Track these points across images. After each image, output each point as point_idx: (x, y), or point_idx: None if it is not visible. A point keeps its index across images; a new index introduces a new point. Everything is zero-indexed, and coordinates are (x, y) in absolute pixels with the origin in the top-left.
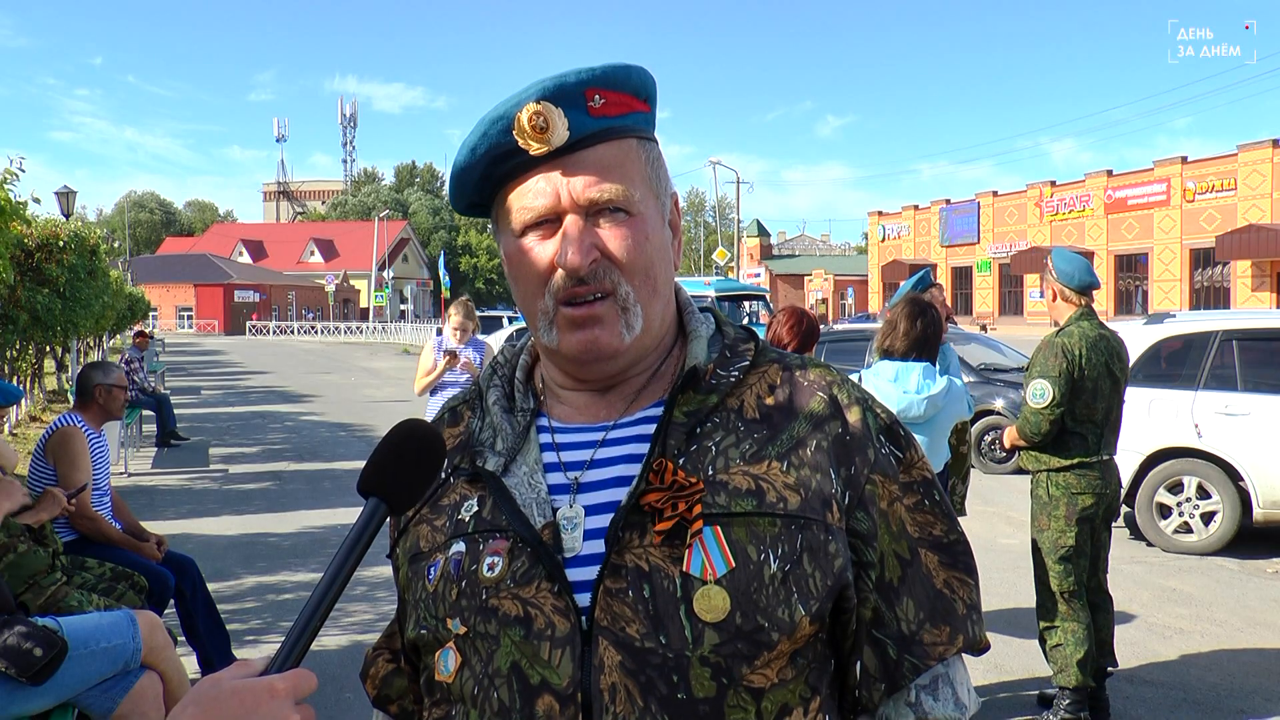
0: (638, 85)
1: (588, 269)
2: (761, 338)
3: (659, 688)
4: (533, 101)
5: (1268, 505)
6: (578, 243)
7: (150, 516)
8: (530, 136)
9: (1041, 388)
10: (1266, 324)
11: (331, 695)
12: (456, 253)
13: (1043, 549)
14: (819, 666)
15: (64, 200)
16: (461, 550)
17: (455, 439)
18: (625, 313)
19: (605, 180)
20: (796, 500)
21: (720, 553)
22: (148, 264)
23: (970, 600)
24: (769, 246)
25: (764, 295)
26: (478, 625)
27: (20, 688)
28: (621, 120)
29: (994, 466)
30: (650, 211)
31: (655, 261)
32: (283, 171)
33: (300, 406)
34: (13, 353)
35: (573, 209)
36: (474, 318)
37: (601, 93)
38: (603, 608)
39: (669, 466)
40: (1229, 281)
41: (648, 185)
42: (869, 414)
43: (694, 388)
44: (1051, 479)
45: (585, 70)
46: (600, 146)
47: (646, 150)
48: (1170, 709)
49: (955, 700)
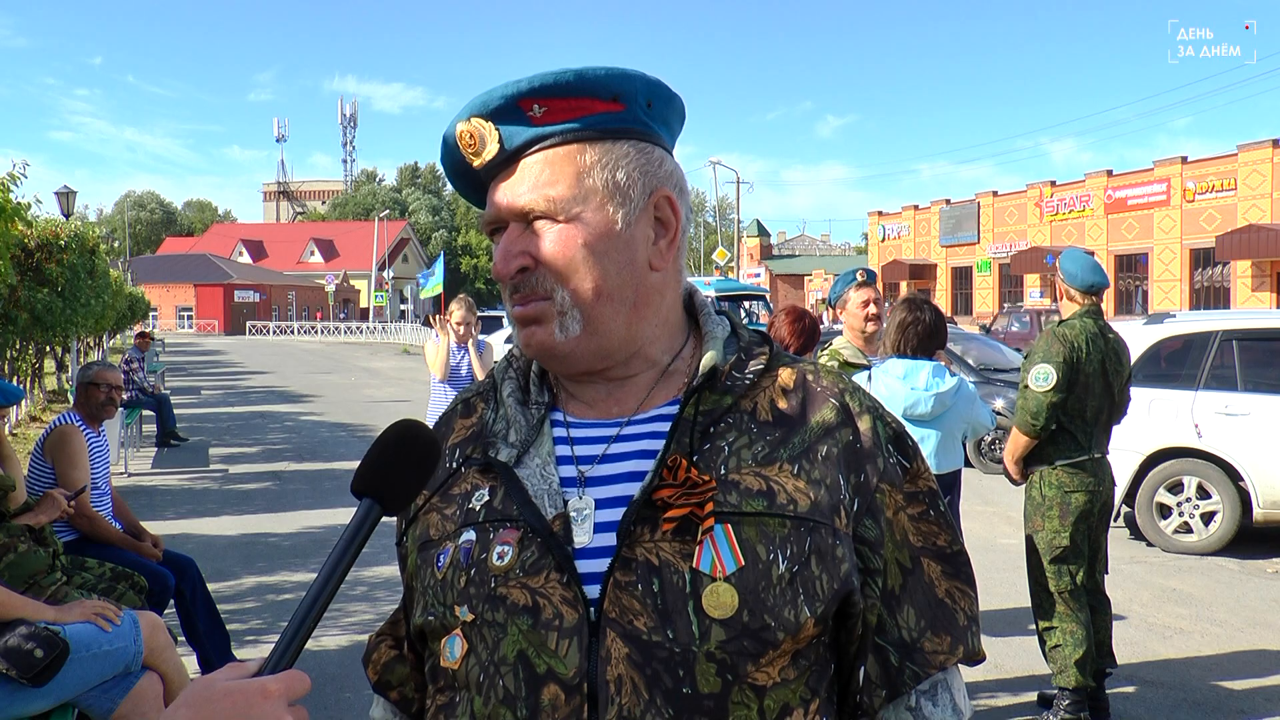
0: (589, 88)
1: (514, 276)
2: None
3: (665, 681)
4: (463, 120)
5: (1268, 505)
6: (502, 251)
7: (150, 516)
8: (469, 153)
9: (1045, 371)
10: (1266, 324)
11: (331, 695)
12: (456, 253)
13: (1038, 549)
14: (820, 669)
15: (64, 200)
16: (471, 539)
17: (468, 430)
18: (561, 315)
19: (534, 189)
20: (806, 503)
21: (730, 550)
22: (148, 264)
23: (970, 612)
24: (769, 246)
25: (764, 295)
26: (485, 613)
27: (21, 689)
28: (569, 125)
29: (994, 466)
30: (591, 215)
31: (595, 265)
32: (283, 171)
33: (300, 406)
34: (13, 353)
35: (510, 217)
36: (475, 314)
37: (542, 101)
38: (611, 600)
39: (683, 463)
40: (1229, 281)
41: (593, 188)
42: (879, 423)
43: (710, 388)
44: (1044, 478)
45: (513, 84)
46: (537, 154)
47: (603, 151)
48: (1170, 709)
49: (953, 706)
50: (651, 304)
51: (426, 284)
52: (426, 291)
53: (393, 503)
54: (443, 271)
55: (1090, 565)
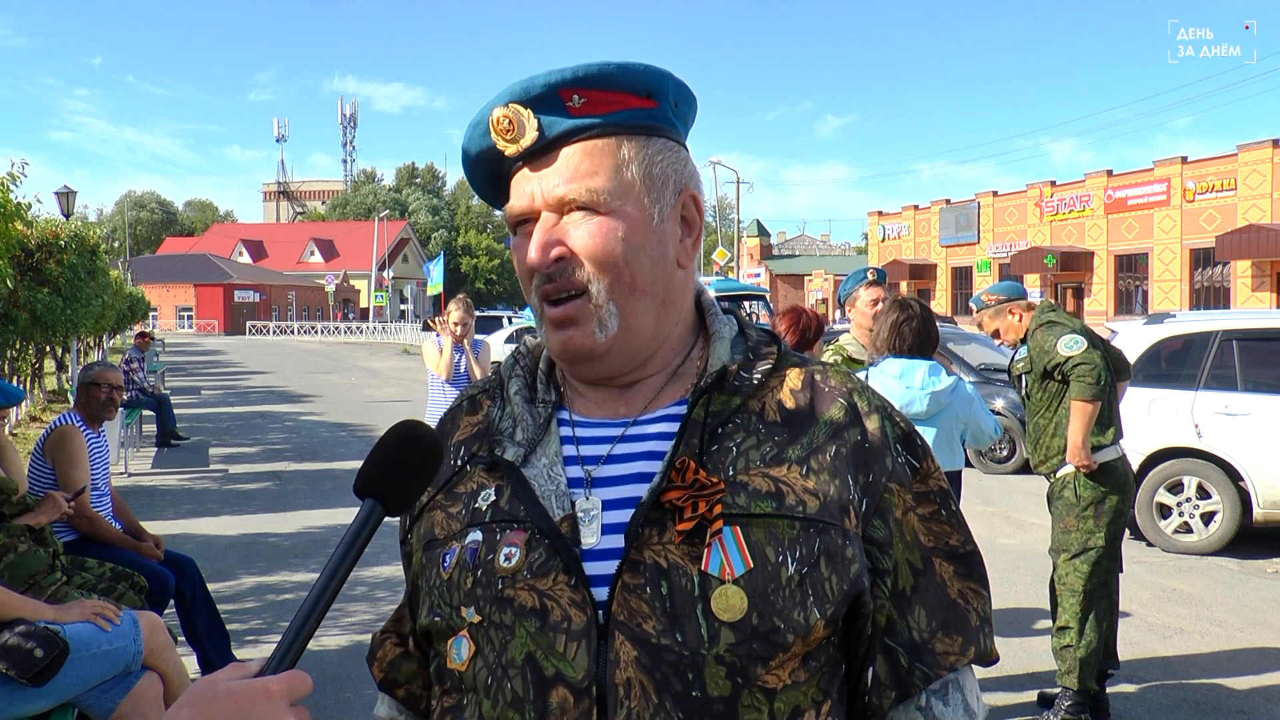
0: (627, 82)
1: (550, 266)
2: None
3: (674, 684)
4: (501, 106)
5: (1268, 505)
6: (539, 240)
7: (150, 516)
8: (502, 139)
9: (1072, 339)
10: (1266, 324)
11: (331, 695)
12: (456, 253)
13: (1069, 550)
14: (831, 671)
15: (64, 200)
16: (478, 539)
17: (474, 427)
18: (598, 310)
19: (575, 179)
20: (815, 505)
21: (739, 553)
22: (148, 264)
23: (983, 612)
24: (769, 246)
25: (764, 295)
26: (493, 615)
27: (21, 689)
28: (606, 118)
29: (994, 466)
30: (630, 208)
31: (633, 259)
32: (283, 171)
33: (300, 406)
34: (13, 353)
35: (545, 207)
36: (472, 314)
37: (581, 92)
38: (620, 602)
39: (691, 465)
40: (1229, 281)
41: (631, 182)
42: (887, 422)
43: (719, 389)
44: (1081, 480)
45: (556, 72)
46: (576, 145)
47: (639, 146)
48: (1170, 709)
49: (965, 706)
50: (676, 302)
51: (432, 277)
52: (433, 287)
53: (395, 504)
54: (443, 271)
55: (1113, 565)
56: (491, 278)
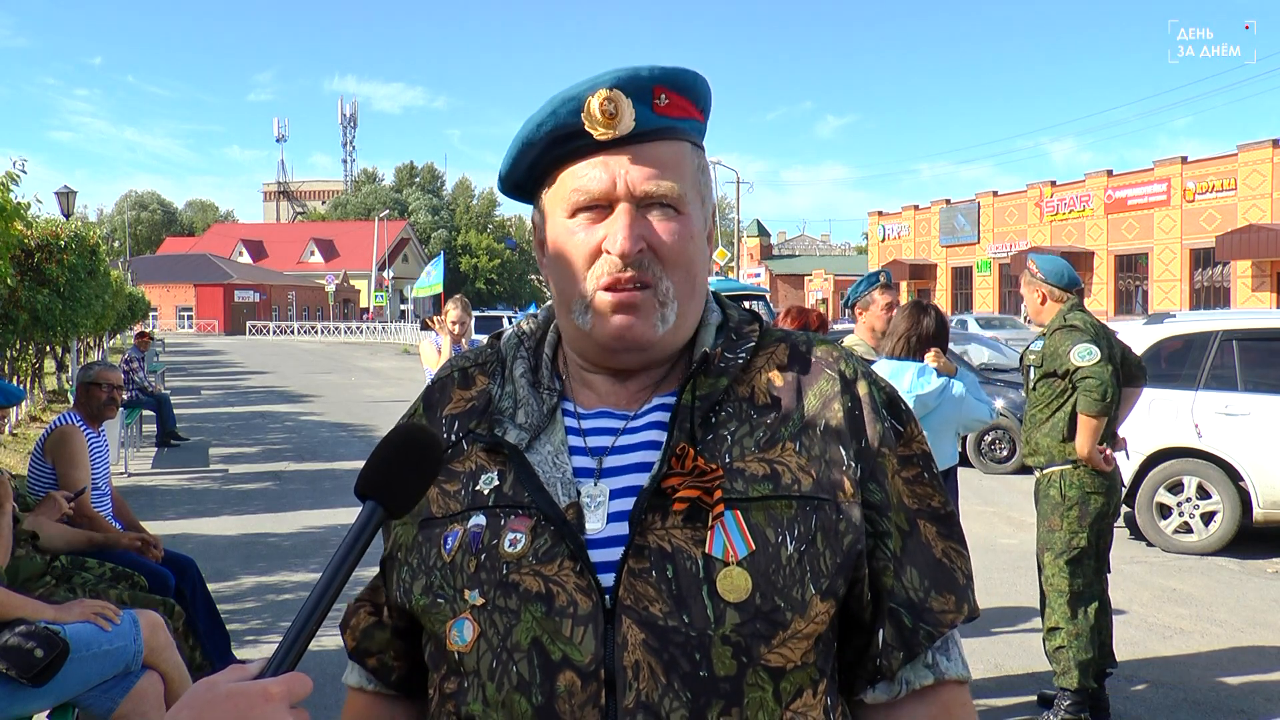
0: (699, 94)
1: (635, 257)
2: (765, 318)
3: (681, 665)
4: (605, 88)
5: (1268, 505)
6: (629, 230)
7: (150, 516)
8: (598, 122)
9: (1086, 348)
10: (1266, 324)
11: (331, 696)
12: (456, 253)
13: (1053, 549)
14: (826, 650)
15: (64, 200)
16: (481, 524)
17: (468, 402)
18: (662, 306)
19: (662, 176)
20: (809, 481)
21: (741, 535)
22: (148, 264)
23: (967, 571)
24: (769, 246)
25: (764, 295)
26: (497, 599)
27: (21, 689)
28: (680, 123)
29: (994, 466)
30: (696, 213)
31: (696, 261)
32: (283, 171)
33: (300, 406)
34: (13, 353)
35: (626, 198)
36: (470, 314)
37: (668, 93)
38: (626, 587)
39: (690, 452)
40: (1229, 281)
41: (696, 189)
42: (874, 387)
43: (705, 372)
44: (1066, 478)
45: (659, 67)
46: (660, 143)
47: (698, 157)
48: (1170, 709)
49: (961, 659)
50: (701, 302)
51: (423, 282)
52: (421, 289)
53: (396, 505)
54: (442, 271)
55: (1099, 566)
56: (492, 278)
